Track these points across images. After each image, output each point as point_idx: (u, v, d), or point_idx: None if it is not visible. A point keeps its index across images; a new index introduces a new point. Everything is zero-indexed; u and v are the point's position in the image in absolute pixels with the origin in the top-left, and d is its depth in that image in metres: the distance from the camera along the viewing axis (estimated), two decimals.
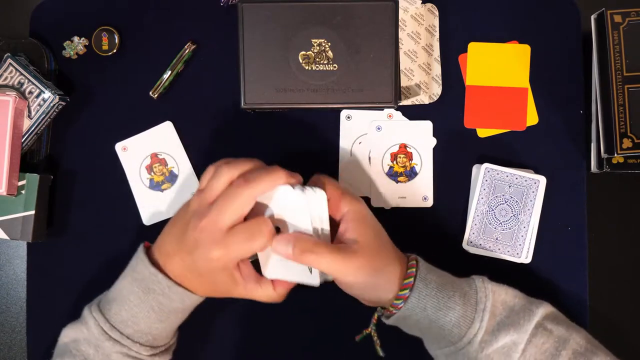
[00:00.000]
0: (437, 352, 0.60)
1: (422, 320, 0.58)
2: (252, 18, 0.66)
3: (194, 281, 0.58)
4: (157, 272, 0.58)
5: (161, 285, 0.58)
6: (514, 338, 0.57)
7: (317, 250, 0.55)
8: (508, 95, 0.70)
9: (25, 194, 0.67)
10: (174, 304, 0.58)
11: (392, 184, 0.70)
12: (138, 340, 0.58)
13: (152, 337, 0.59)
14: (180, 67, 0.70)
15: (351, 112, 0.70)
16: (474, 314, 0.57)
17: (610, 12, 0.65)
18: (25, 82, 0.66)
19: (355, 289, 0.59)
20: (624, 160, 0.68)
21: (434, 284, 0.58)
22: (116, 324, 0.58)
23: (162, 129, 0.70)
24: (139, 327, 0.58)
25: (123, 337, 0.58)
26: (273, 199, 0.58)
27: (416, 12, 0.70)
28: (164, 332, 0.60)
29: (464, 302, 0.58)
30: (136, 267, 0.59)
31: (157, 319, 0.58)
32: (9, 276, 0.74)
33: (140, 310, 0.58)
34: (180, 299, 0.58)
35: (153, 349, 0.59)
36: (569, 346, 0.57)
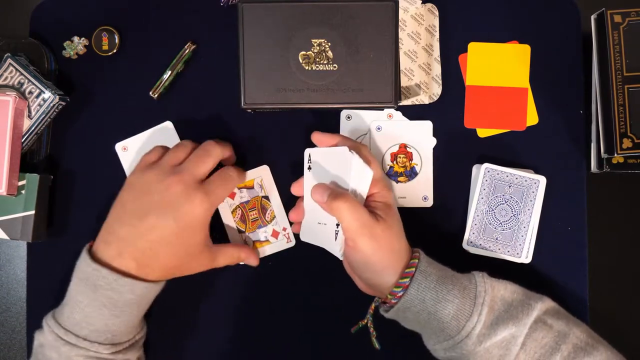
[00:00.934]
0: (436, 347, 0.60)
1: (421, 312, 0.58)
2: (252, 18, 0.66)
3: (157, 259, 0.58)
4: (100, 267, 0.57)
5: (107, 280, 0.57)
6: (513, 332, 0.57)
7: (349, 200, 0.57)
8: (508, 95, 0.70)
9: (25, 194, 0.67)
10: (124, 296, 0.58)
11: (392, 184, 0.70)
12: (96, 340, 0.58)
13: (111, 334, 0.58)
14: (180, 67, 0.70)
15: (351, 112, 0.70)
16: (472, 308, 0.57)
17: (610, 12, 0.65)
18: (25, 82, 0.66)
19: (361, 263, 0.59)
20: (624, 160, 0.68)
21: (433, 276, 0.58)
22: (70, 327, 0.58)
23: (163, 129, 0.70)
24: (94, 326, 0.58)
25: (79, 339, 0.57)
26: (328, 157, 0.62)
27: (416, 12, 0.70)
28: (123, 327, 0.59)
29: (463, 295, 0.58)
30: (79, 266, 0.59)
31: (111, 314, 0.58)
32: (9, 276, 0.75)
33: (92, 309, 0.57)
34: (129, 289, 0.58)
35: (114, 347, 0.58)
36: (569, 340, 0.57)
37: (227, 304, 0.70)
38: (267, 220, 0.69)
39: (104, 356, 0.58)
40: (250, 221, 0.69)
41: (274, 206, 0.69)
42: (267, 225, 0.69)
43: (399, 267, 0.59)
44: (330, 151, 0.62)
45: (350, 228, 0.57)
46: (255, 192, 0.69)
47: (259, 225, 0.69)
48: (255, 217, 0.69)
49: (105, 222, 0.61)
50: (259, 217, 0.69)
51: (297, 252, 0.70)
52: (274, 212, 0.69)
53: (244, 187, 0.69)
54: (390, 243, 0.59)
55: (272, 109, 0.68)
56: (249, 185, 0.69)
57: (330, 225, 0.61)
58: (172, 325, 0.70)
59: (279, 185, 0.70)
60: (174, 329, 0.70)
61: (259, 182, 0.69)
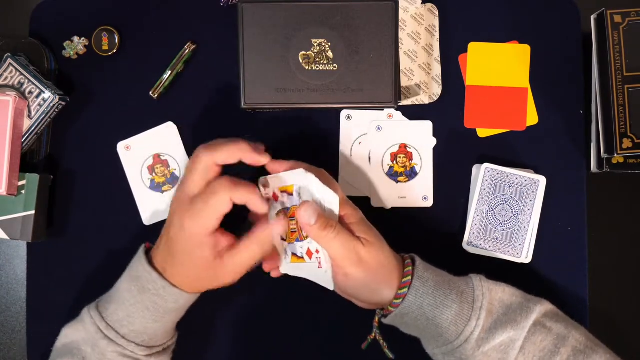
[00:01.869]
0: (435, 351, 0.60)
1: (419, 318, 0.58)
2: (252, 18, 0.66)
3: (179, 272, 0.58)
4: (152, 271, 0.58)
5: (156, 285, 0.58)
6: (511, 335, 0.57)
7: (337, 229, 0.56)
8: (508, 95, 0.70)
9: (25, 194, 0.67)
10: (168, 305, 0.58)
11: (392, 184, 0.70)
12: (133, 340, 0.58)
13: (148, 337, 0.59)
14: (180, 67, 0.70)
15: (351, 112, 0.70)
16: (471, 312, 0.57)
17: (610, 12, 0.65)
18: (25, 82, 0.66)
19: (355, 288, 0.59)
20: (624, 160, 0.68)
21: (431, 282, 0.58)
22: (112, 323, 0.58)
23: (165, 130, 0.70)
24: (134, 327, 0.58)
25: (118, 336, 0.58)
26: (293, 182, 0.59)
27: (416, 12, 0.70)
28: (160, 332, 0.60)
29: (461, 300, 0.58)
30: (133, 265, 0.60)
31: (152, 319, 0.58)
32: (9, 276, 0.74)
33: (136, 309, 0.58)
34: (174, 299, 0.58)
35: (149, 349, 0.59)
36: (569, 343, 0.57)
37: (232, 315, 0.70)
38: (304, 236, 0.59)
39: (137, 357, 0.58)
40: (289, 231, 0.60)
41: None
42: (303, 241, 0.59)
43: (394, 280, 0.58)
44: (286, 175, 0.58)
45: (338, 257, 0.57)
46: (294, 201, 0.59)
47: (296, 239, 0.60)
48: (294, 228, 0.59)
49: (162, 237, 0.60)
50: (297, 229, 0.59)
51: None
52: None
53: (285, 191, 0.60)
54: (379, 261, 0.58)
55: (272, 109, 0.68)
56: (289, 191, 0.60)
57: (308, 255, 0.59)
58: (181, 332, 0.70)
59: None
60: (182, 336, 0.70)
61: (297, 191, 0.59)
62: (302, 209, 0.56)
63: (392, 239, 0.70)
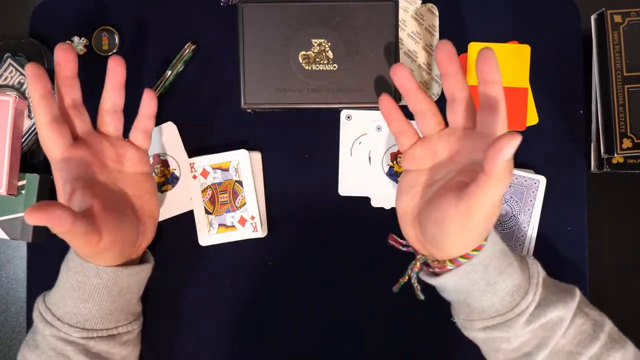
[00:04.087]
0: (475, 324, 0.57)
1: (479, 281, 0.55)
2: (252, 18, 0.66)
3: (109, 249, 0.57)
4: (77, 256, 0.57)
5: (74, 262, 0.57)
6: (562, 314, 0.55)
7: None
8: (508, 95, 0.70)
9: (25, 194, 0.67)
10: (91, 280, 0.57)
11: (392, 184, 0.70)
12: (68, 321, 0.57)
13: (83, 318, 0.57)
14: (180, 67, 0.70)
15: (351, 112, 0.70)
16: (528, 286, 0.56)
17: (610, 12, 0.65)
18: (25, 82, 0.66)
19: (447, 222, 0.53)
20: (624, 160, 0.68)
21: (499, 246, 0.56)
22: (50, 305, 0.58)
23: (165, 129, 0.70)
24: (67, 307, 0.57)
25: (54, 318, 0.57)
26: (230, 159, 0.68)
27: (416, 12, 0.70)
28: (96, 314, 0.58)
29: (522, 271, 0.56)
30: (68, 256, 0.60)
31: (80, 297, 0.57)
32: (9, 276, 0.74)
33: (65, 290, 0.58)
34: (95, 273, 0.57)
35: (86, 332, 0.57)
36: (605, 330, 0.56)
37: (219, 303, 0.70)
38: (237, 206, 0.68)
39: (73, 339, 0.57)
40: (219, 204, 0.68)
41: (246, 193, 0.68)
42: (236, 210, 0.68)
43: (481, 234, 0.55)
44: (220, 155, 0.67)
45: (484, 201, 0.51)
46: (229, 175, 0.68)
47: (227, 210, 0.68)
48: (225, 200, 0.68)
49: None
50: (229, 201, 0.68)
51: (267, 244, 0.70)
52: (245, 198, 0.68)
53: (219, 168, 0.68)
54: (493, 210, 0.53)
55: (272, 109, 0.68)
56: (224, 167, 0.68)
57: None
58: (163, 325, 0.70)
59: (272, 181, 0.70)
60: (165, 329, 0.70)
61: (235, 166, 0.68)
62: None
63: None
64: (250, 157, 0.68)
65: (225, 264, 0.70)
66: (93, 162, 0.59)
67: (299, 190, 0.70)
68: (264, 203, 0.69)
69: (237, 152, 0.68)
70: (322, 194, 0.70)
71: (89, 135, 0.60)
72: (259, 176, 0.69)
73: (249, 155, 0.68)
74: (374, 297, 0.70)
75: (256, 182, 0.69)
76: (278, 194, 0.70)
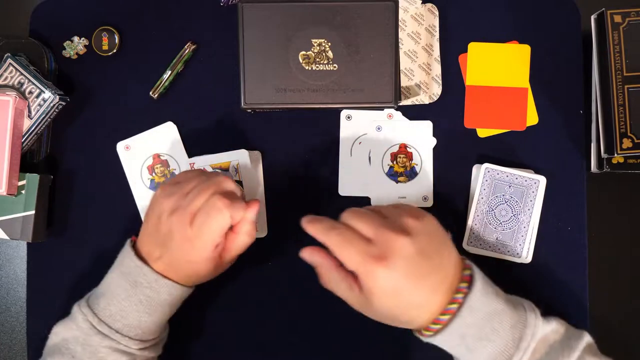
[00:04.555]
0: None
1: (458, 347, 0.55)
2: (252, 18, 0.66)
3: (178, 273, 0.59)
4: (143, 265, 0.58)
5: (148, 278, 0.58)
6: None
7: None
8: (508, 95, 0.70)
9: (25, 194, 0.67)
10: (161, 297, 0.59)
11: (392, 184, 0.70)
12: (127, 334, 0.58)
13: (142, 330, 0.59)
14: (180, 67, 0.70)
15: (351, 112, 0.70)
16: (514, 351, 0.54)
17: (610, 12, 0.65)
18: (25, 82, 0.66)
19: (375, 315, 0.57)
20: (624, 160, 0.68)
21: (480, 313, 0.54)
22: (105, 318, 0.58)
23: (165, 129, 0.70)
24: (127, 321, 0.58)
25: (112, 331, 0.58)
26: (230, 159, 0.67)
27: (416, 12, 0.70)
28: (153, 326, 0.60)
29: (508, 336, 0.54)
30: (123, 260, 0.60)
31: (146, 312, 0.59)
32: (9, 276, 0.74)
33: (129, 304, 0.58)
34: (167, 291, 0.59)
35: (142, 343, 0.59)
36: None
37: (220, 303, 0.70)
38: None
39: (131, 351, 0.59)
40: None
41: (246, 193, 0.68)
42: None
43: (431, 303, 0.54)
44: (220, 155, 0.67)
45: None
46: (229, 175, 0.68)
47: None
48: None
49: (144, 221, 0.61)
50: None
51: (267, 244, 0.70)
52: (244, 198, 0.68)
53: (219, 167, 0.68)
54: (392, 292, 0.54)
55: (272, 109, 0.68)
56: (224, 167, 0.68)
57: None
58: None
59: (271, 181, 0.70)
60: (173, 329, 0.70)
61: (235, 166, 0.68)
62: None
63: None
64: (250, 157, 0.68)
65: None
66: None
67: (299, 190, 0.70)
68: (264, 203, 0.69)
69: (237, 152, 0.68)
70: (322, 194, 0.70)
71: None
72: (259, 176, 0.69)
73: (248, 155, 0.68)
74: None
75: (256, 182, 0.69)
76: (278, 194, 0.70)
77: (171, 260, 0.59)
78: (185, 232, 0.57)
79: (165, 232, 0.58)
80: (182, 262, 0.59)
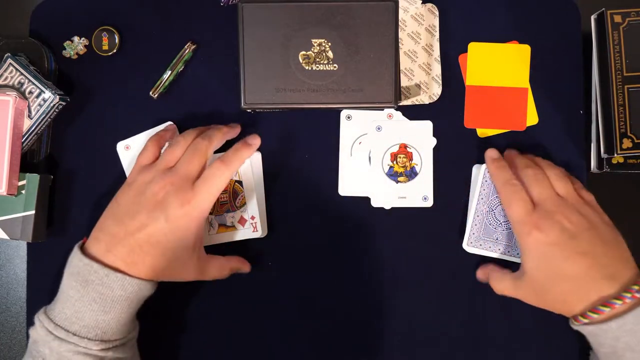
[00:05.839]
0: None
1: (603, 346, 0.55)
2: (252, 18, 0.66)
3: (145, 258, 0.59)
4: (92, 262, 0.58)
5: (98, 275, 0.57)
6: None
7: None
8: (508, 95, 0.70)
9: (25, 194, 0.67)
10: (115, 292, 0.58)
11: (392, 184, 0.70)
12: (85, 335, 0.57)
13: (101, 330, 0.58)
14: (180, 67, 0.70)
15: (351, 112, 0.70)
16: None
17: (610, 12, 0.65)
18: (25, 82, 0.66)
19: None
20: (624, 160, 0.68)
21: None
22: (60, 322, 0.58)
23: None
24: (84, 322, 0.57)
25: (69, 334, 0.57)
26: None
27: (416, 12, 0.70)
28: (114, 325, 0.58)
29: None
30: (71, 261, 0.60)
31: (101, 310, 0.57)
32: (9, 276, 0.74)
33: (83, 304, 0.57)
34: (120, 285, 0.58)
35: (104, 343, 0.58)
36: None
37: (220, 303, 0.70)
38: (237, 206, 0.68)
39: (93, 352, 0.57)
40: (218, 204, 0.68)
41: (246, 193, 0.68)
42: (236, 210, 0.68)
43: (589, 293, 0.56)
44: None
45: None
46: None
47: (227, 210, 0.69)
48: (225, 200, 0.68)
49: (99, 220, 0.62)
50: (229, 201, 0.69)
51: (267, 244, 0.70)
52: (245, 198, 0.68)
53: None
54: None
55: (272, 109, 0.68)
56: None
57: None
58: (165, 325, 0.70)
59: (271, 181, 0.70)
60: (167, 329, 0.70)
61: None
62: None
63: (392, 239, 0.70)
64: (249, 157, 0.68)
65: None
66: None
67: (299, 190, 0.70)
68: (264, 203, 0.69)
69: None
70: (322, 194, 0.70)
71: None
72: (259, 176, 0.69)
73: None
74: (373, 297, 0.70)
75: (256, 182, 0.69)
76: (278, 194, 0.70)
77: (141, 240, 0.58)
78: (184, 194, 0.58)
79: (148, 203, 0.59)
80: (159, 238, 0.58)
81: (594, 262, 0.57)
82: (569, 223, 0.59)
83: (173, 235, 0.59)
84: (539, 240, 0.58)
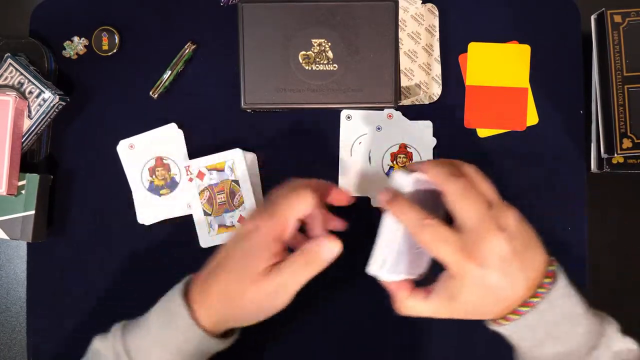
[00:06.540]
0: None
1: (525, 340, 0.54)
2: (252, 18, 0.66)
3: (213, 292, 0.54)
4: (184, 306, 0.54)
5: (184, 322, 0.54)
6: None
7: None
8: (508, 95, 0.70)
9: (25, 194, 0.67)
10: (190, 346, 0.54)
11: None
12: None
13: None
14: (180, 67, 0.70)
15: (351, 112, 0.70)
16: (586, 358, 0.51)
17: (610, 12, 0.65)
18: (25, 82, 0.66)
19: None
20: (624, 160, 0.68)
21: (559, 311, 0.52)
22: (131, 350, 0.55)
23: (170, 132, 0.70)
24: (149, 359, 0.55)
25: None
26: (225, 159, 0.68)
27: (416, 12, 0.70)
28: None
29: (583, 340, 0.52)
30: (170, 294, 0.56)
31: (169, 358, 0.55)
32: (9, 276, 0.75)
33: (155, 345, 0.54)
34: (197, 342, 0.54)
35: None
36: None
37: None
38: (235, 205, 0.68)
39: None
40: (217, 204, 0.68)
41: (244, 192, 0.68)
42: (234, 210, 0.68)
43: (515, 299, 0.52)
44: (216, 155, 0.67)
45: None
46: (225, 176, 0.68)
47: (225, 210, 0.68)
48: (223, 200, 0.68)
49: (212, 259, 0.57)
50: (227, 201, 0.68)
51: None
52: (242, 197, 0.68)
53: (214, 169, 0.68)
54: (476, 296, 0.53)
55: (272, 109, 0.68)
56: (219, 168, 0.68)
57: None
58: None
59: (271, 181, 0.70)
60: None
61: (230, 166, 0.68)
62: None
63: None
64: (245, 158, 0.68)
65: None
66: None
67: None
68: (262, 200, 0.69)
69: (231, 152, 0.68)
70: None
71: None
72: (255, 177, 0.69)
73: (242, 154, 0.68)
74: (374, 297, 0.69)
75: (252, 181, 0.69)
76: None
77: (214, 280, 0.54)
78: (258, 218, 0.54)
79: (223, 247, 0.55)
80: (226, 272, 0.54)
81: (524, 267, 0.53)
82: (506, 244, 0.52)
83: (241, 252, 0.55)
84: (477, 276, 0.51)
